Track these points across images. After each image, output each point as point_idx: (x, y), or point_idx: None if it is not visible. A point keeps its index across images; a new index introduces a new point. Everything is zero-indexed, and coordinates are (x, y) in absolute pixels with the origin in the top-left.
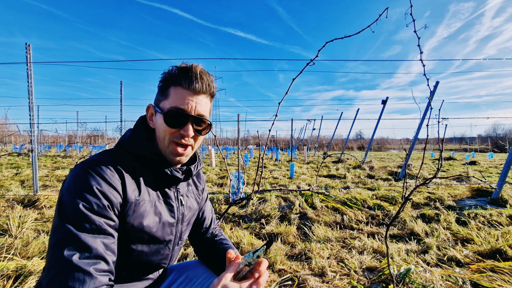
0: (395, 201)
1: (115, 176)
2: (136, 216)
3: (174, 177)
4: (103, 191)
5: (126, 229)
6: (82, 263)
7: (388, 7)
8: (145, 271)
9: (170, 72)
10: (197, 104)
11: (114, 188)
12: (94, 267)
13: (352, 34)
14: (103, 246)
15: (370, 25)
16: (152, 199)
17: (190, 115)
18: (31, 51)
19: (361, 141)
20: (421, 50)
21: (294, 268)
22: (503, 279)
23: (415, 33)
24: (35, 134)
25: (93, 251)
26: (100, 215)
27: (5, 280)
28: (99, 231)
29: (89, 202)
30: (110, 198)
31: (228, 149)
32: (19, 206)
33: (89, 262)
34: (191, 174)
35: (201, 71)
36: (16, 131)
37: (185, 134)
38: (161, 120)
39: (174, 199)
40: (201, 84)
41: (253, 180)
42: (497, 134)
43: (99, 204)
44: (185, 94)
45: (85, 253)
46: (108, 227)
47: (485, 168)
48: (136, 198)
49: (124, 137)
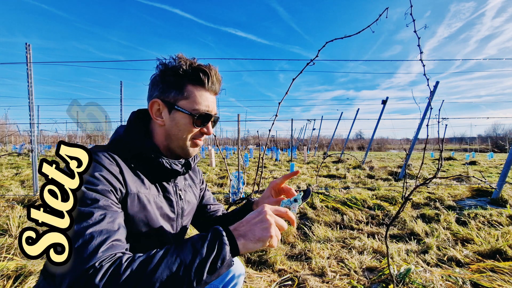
0: (395, 201)
1: (113, 166)
2: (137, 208)
3: (173, 170)
4: (105, 177)
5: (127, 220)
6: (95, 233)
7: (388, 7)
8: None
9: (183, 68)
10: (214, 104)
11: (115, 177)
12: (107, 237)
13: (352, 34)
14: (113, 220)
15: (370, 25)
16: (153, 194)
17: (212, 115)
18: (31, 51)
19: (361, 141)
20: (421, 50)
21: (294, 268)
22: (503, 279)
23: (415, 33)
24: (35, 134)
25: (104, 224)
26: (106, 196)
27: (5, 280)
28: (107, 208)
29: (94, 184)
30: (112, 183)
31: (228, 149)
32: (19, 206)
33: (102, 233)
34: (190, 167)
35: (217, 73)
36: (16, 131)
37: (207, 133)
38: (182, 119)
39: (173, 194)
40: (218, 86)
41: (253, 180)
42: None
43: (104, 188)
44: (208, 96)
45: (96, 226)
46: (115, 206)
47: (485, 168)
48: (137, 190)
49: (117, 134)
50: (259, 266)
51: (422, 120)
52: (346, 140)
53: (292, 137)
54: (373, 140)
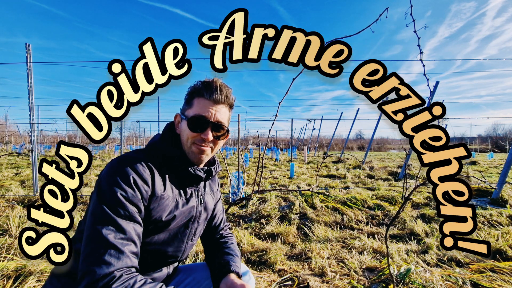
0: (395, 201)
1: (146, 171)
2: (160, 209)
3: (197, 175)
4: (137, 184)
5: (149, 219)
6: (118, 242)
7: (388, 7)
8: (159, 261)
9: (195, 86)
10: (216, 112)
11: (145, 182)
12: (127, 247)
13: (352, 34)
14: (134, 231)
15: (370, 25)
16: (175, 196)
17: (210, 121)
18: (31, 51)
19: (361, 141)
20: (421, 50)
21: (294, 268)
22: (503, 279)
23: (415, 33)
24: (35, 134)
25: (127, 233)
26: (133, 204)
27: (5, 280)
28: (131, 218)
29: (125, 191)
30: (141, 190)
31: (228, 149)
32: (19, 206)
33: (123, 243)
34: (211, 174)
35: (221, 84)
36: (16, 131)
37: (205, 138)
38: (185, 125)
39: (194, 197)
40: (220, 95)
41: (253, 180)
42: (497, 134)
43: (134, 194)
44: (206, 103)
45: (120, 234)
46: (138, 216)
47: (485, 168)
48: (161, 193)
49: (154, 140)
50: (259, 266)
51: None
52: (346, 140)
53: (292, 137)
54: (373, 140)
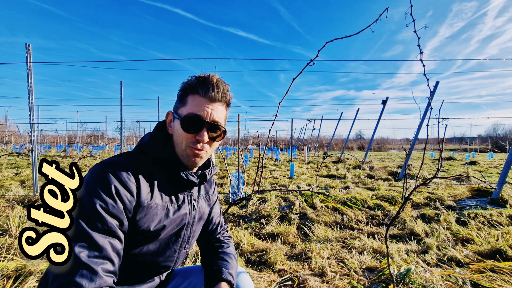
0: (395, 201)
1: (131, 179)
2: (147, 219)
3: (189, 181)
4: (119, 194)
5: (136, 230)
6: (91, 261)
7: (388, 7)
8: (150, 272)
9: (189, 82)
10: (212, 111)
11: (129, 192)
12: (101, 267)
13: (352, 34)
14: (111, 247)
15: (370, 25)
16: (165, 203)
17: (206, 121)
18: (31, 51)
19: (361, 141)
20: (421, 50)
21: (294, 268)
22: (503, 279)
23: (415, 33)
24: (35, 134)
25: (103, 251)
26: (114, 216)
27: (5, 280)
28: (110, 233)
29: (105, 203)
30: (124, 201)
31: (228, 149)
32: (19, 206)
33: (97, 262)
34: (205, 179)
35: (218, 80)
36: (16, 131)
37: (200, 140)
38: (178, 125)
39: (187, 203)
40: (217, 92)
41: (253, 180)
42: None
43: (115, 206)
44: (202, 101)
45: (94, 252)
46: (119, 230)
47: (485, 168)
48: (148, 202)
49: (143, 141)
50: (259, 266)
51: (422, 120)
52: (346, 140)
53: (292, 137)
54: (373, 140)
